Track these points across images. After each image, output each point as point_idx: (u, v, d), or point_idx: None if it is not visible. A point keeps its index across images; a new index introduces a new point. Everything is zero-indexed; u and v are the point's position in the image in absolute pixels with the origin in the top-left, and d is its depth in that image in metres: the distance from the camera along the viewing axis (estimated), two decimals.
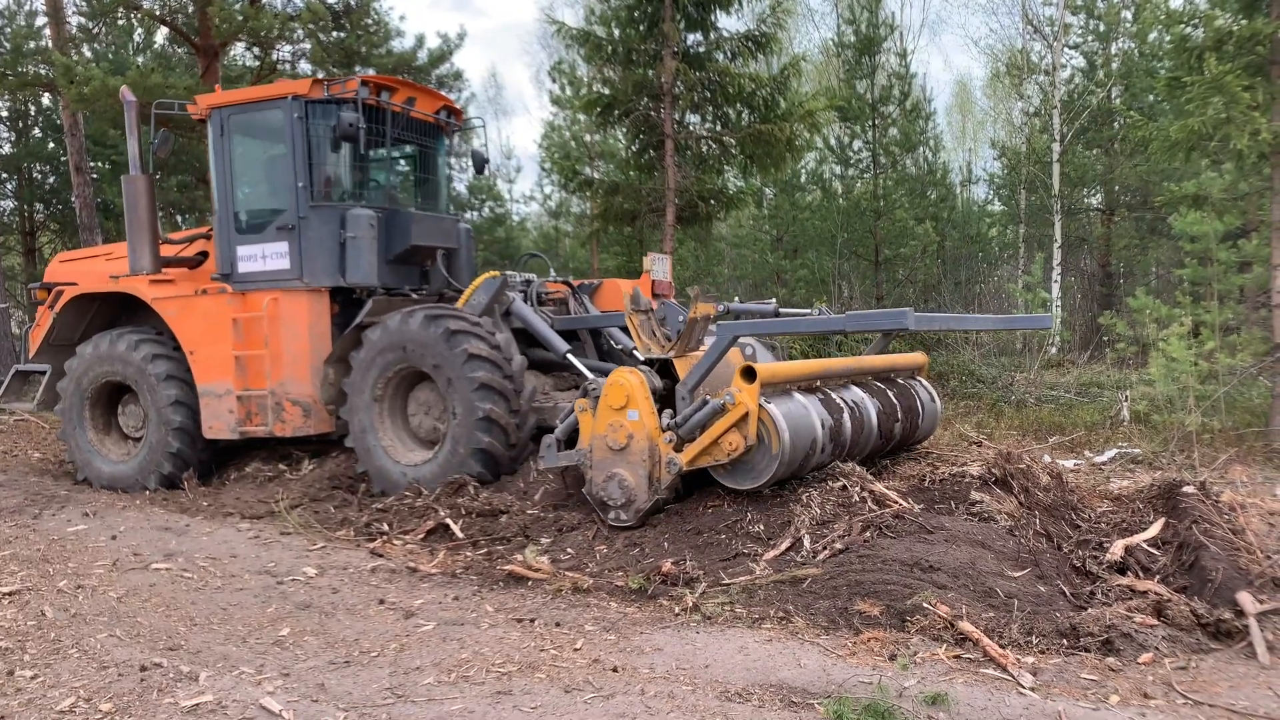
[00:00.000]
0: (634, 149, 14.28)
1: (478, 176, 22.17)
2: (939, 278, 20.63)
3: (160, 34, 18.90)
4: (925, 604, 4.40)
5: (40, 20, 18.27)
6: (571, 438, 6.39)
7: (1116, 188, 22.92)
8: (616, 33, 13.51)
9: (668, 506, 6.13)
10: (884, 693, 3.65)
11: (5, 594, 5.21)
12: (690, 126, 13.96)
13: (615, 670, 4.02)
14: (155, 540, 6.53)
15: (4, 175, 22.19)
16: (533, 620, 4.71)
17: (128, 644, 4.45)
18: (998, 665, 3.94)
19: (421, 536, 6.29)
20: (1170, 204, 10.69)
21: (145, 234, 8.15)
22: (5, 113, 21.74)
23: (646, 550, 5.66)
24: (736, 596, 4.85)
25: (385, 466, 7.33)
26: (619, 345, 8.13)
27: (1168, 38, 11.39)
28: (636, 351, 7.23)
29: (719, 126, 13.79)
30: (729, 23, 33.66)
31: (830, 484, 5.87)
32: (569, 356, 7.32)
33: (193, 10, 14.97)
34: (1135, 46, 22.39)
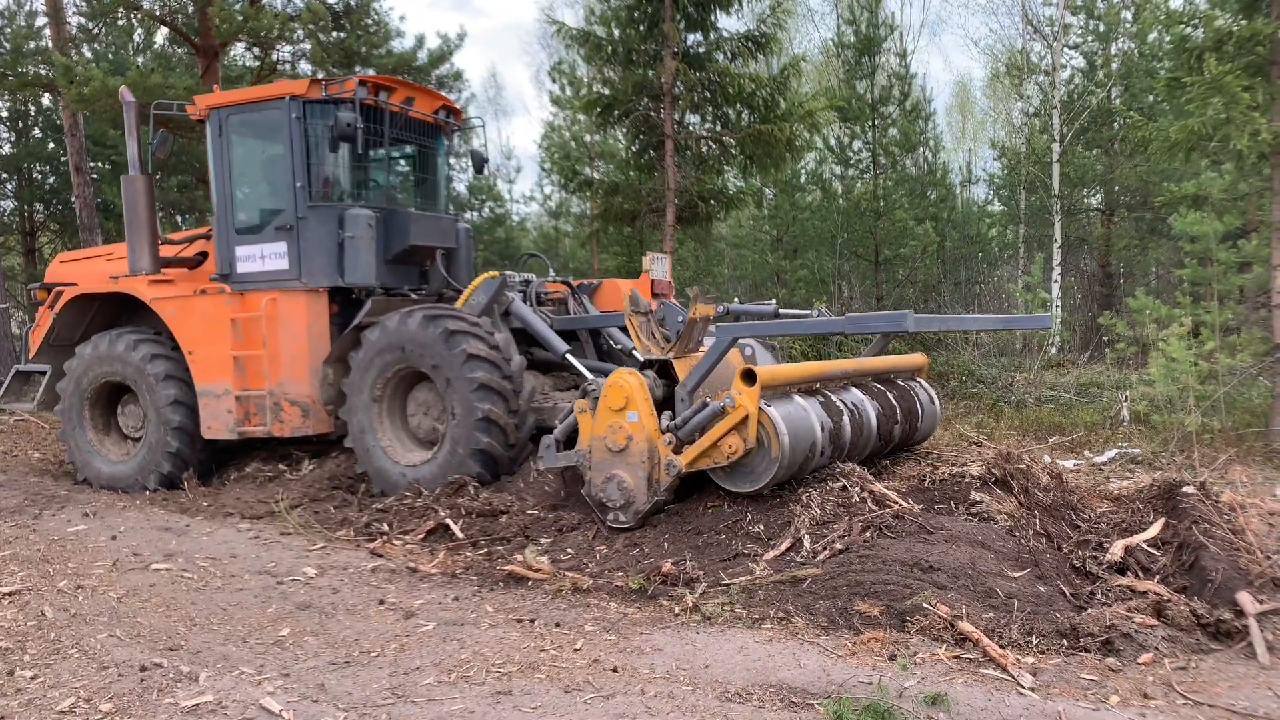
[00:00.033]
0: (634, 149, 14.28)
1: (477, 176, 22.18)
2: (939, 278, 20.63)
3: (160, 34, 18.90)
4: (925, 604, 4.40)
5: (40, 20, 18.28)
6: (571, 438, 6.38)
7: (1116, 188, 22.92)
8: (616, 33, 13.51)
9: (668, 507, 6.13)
10: (884, 693, 3.65)
11: (5, 594, 5.21)
12: (690, 127, 13.96)
13: (615, 670, 4.02)
14: (155, 540, 6.53)
15: (4, 175, 22.19)
16: (533, 620, 4.71)
17: (128, 644, 4.45)
18: (998, 665, 3.94)
19: (421, 537, 6.29)
20: (1170, 204, 10.70)
21: (144, 234, 8.15)
22: (5, 113, 21.75)
23: (646, 550, 5.66)
24: (736, 597, 4.85)
25: (384, 467, 7.33)
26: (618, 345, 8.13)
27: (1167, 38, 11.39)
28: (636, 352, 7.22)
29: (719, 127, 13.79)
30: (729, 23, 33.71)
31: (830, 484, 5.87)
32: (568, 357, 7.32)
33: (193, 10, 14.97)
34: (1135, 47, 22.40)
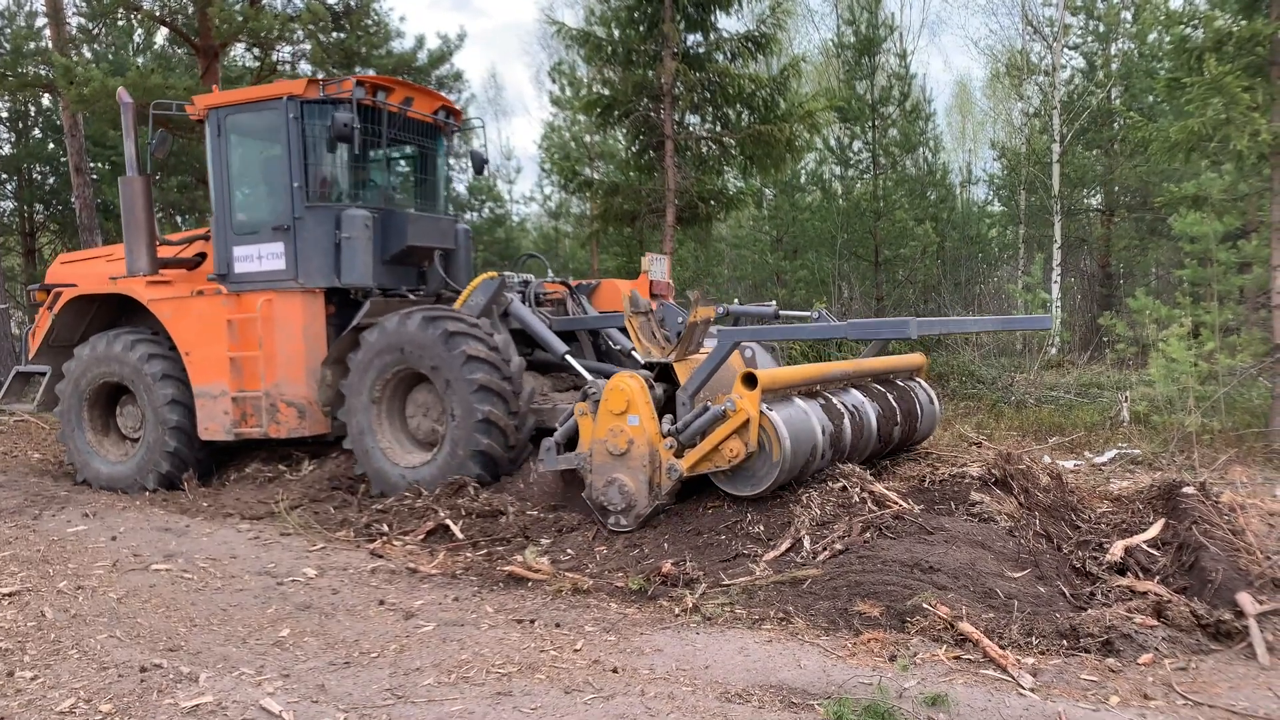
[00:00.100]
0: (634, 150, 14.28)
1: (477, 177, 22.18)
2: (939, 278, 20.64)
3: (160, 35, 18.91)
4: (925, 605, 4.40)
5: (40, 21, 18.27)
6: (571, 441, 6.38)
7: (1116, 188, 22.92)
8: (616, 33, 13.52)
9: (667, 508, 6.13)
10: (884, 693, 3.65)
11: (5, 595, 5.21)
12: (690, 127, 13.97)
13: (615, 671, 4.02)
14: (155, 541, 6.52)
15: (4, 176, 22.19)
16: (533, 621, 4.71)
17: (128, 645, 4.45)
18: (998, 666, 3.94)
19: (421, 537, 6.28)
20: (1170, 205, 10.70)
21: (142, 235, 8.14)
22: (5, 113, 21.76)
23: (646, 551, 5.66)
24: (736, 597, 4.85)
25: (384, 468, 7.32)
26: (617, 346, 8.12)
27: (1167, 38, 11.40)
28: (635, 354, 7.22)
29: (719, 127, 13.80)
30: (729, 23, 33.74)
31: (830, 485, 5.87)
32: (568, 358, 7.31)
33: (193, 11, 14.97)
34: (1135, 47, 22.39)
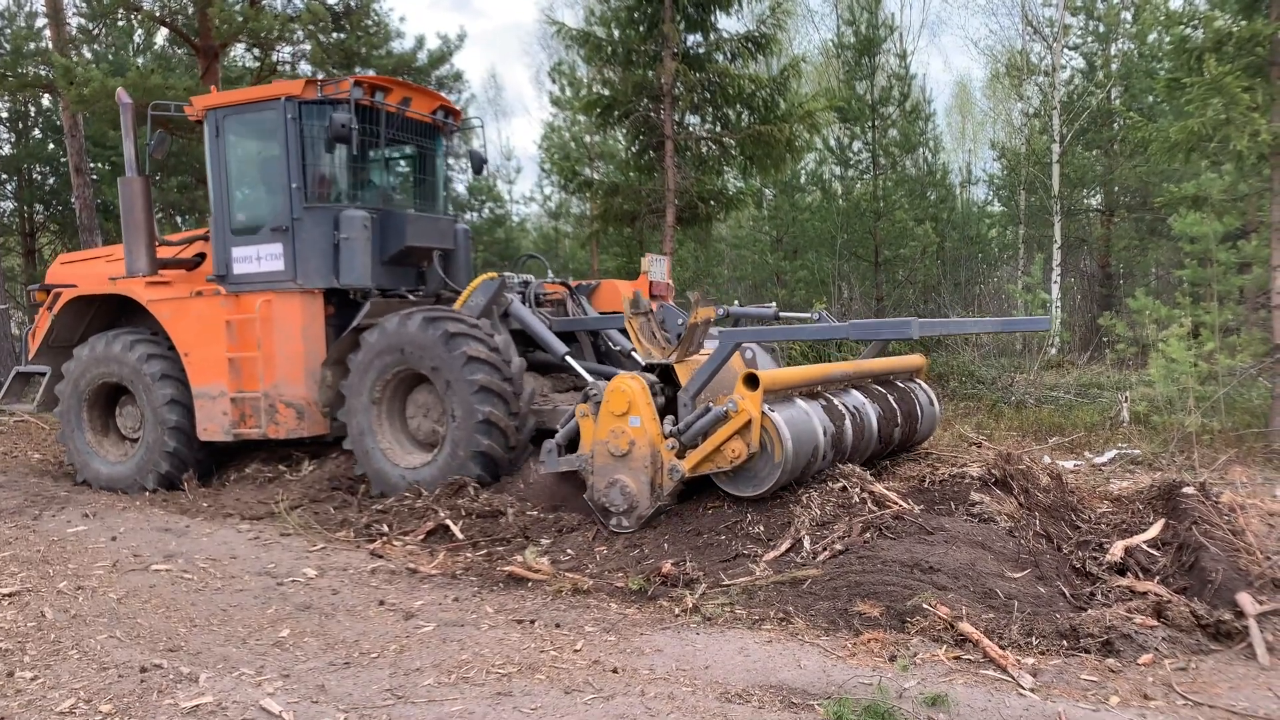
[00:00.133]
0: (634, 150, 14.28)
1: (476, 177, 22.18)
2: (939, 279, 20.65)
3: (160, 35, 18.92)
4: (925, 605, 4.40)
5: (40, 21, 18.28)
6: (572, 442, 6.37)
7: (1116, 189, 22.92)
8: (616, 34, 13.51)
9: (668, 508, 6.12)
10: (884, 694, 3.65)
11: (5, 595, 5.21)
12: (690, 127, 13.97)
13: (615, 671, 4.02)
14: (155, 541, 6.52)
15: (4, 176, 22.20)
16: (533, 621, 4.71)
17: (128, 645, 4.45)
18: (998, 666, 3.94)
19: (421, 537, 6.28)
20: (1170, 205, 10.70)
21: (141, 236, 8.14)
22: (5, 114, 21.78)
23: (646, 551, 5.66)
24: (736, 598, 4.85)
25: (384, 469, 7.32)
26: (617, 346, 8.12)
27: (1167, 39, 11.40)
28: (635, 355, 7.22)
29: (719, 127, 13.80)
30: (729, 24, 33.75)
31: (830, 485, 5.88)
32: (568, 359, 7.31)
33: (193, 11, 14.98)
34: (1135, 47, 22.40)
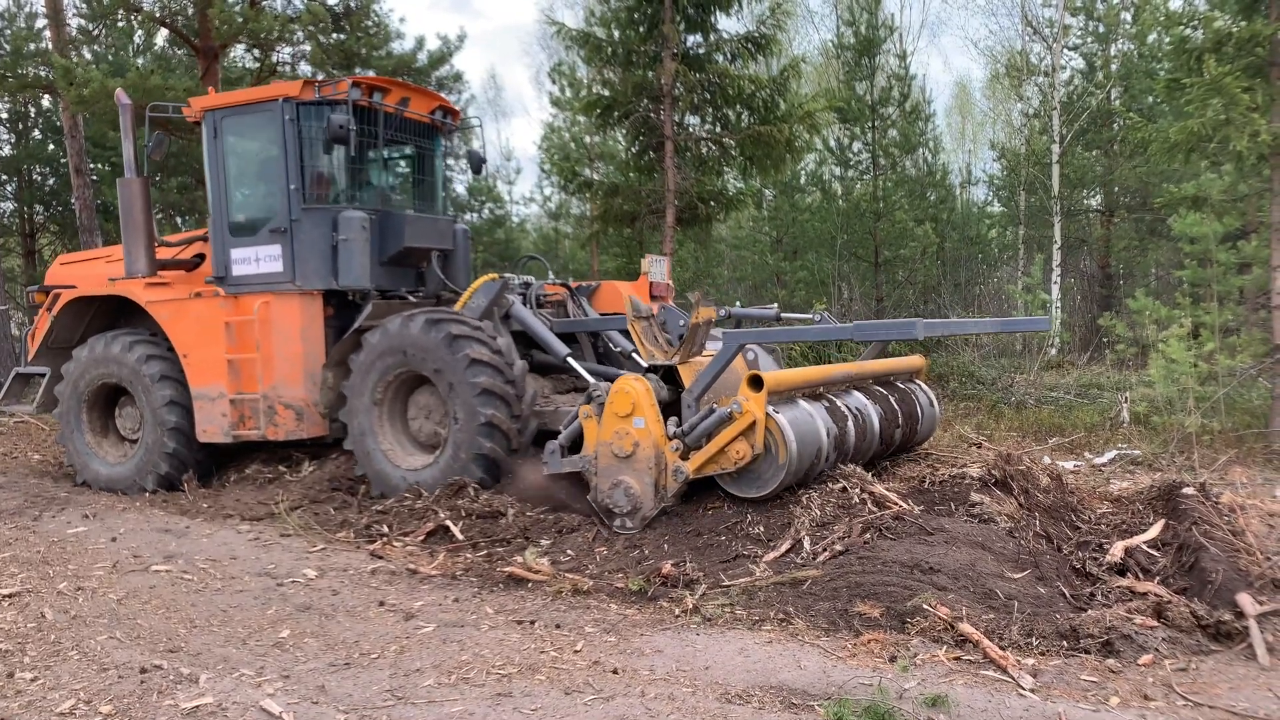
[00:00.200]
0: (634, 150, 14.27)
1: (476, 178, 22.16)
2: (939, 279, 20.64)
3: (160, 36, 18.91)
4: (925, 605, 4.40)
5: (40, 22, 18.29)
6: (575, 444, 6.37)
7: (1116, 189, 22.92)
8: (616, 34, 13.51)
9: (668, 509, 6.13)
10: (884, 694, 3.65)
11: (5, 596, 5.20)
12: (690, 128, 13.96)
13: (615, 672, 4.02)
14: (155, 542, 6.52)
15: (4, 177, 22.19)
16: (533, 622, 4.71)
17: (128, 646, 4.45)
18: (998, 667, 3.94)
19: (421, 538, 6.28)
20: (1170, 205, 10.70)
21: (140, 236, 8.13)
22: (5, 115, 21.76)
23: (646, 552, 5.67)
24: (736, 598, 4.86)
25: (385, 470, 7.31)
26: (617, 348, 8.12)
27: (1167, 39, 11.40)
28: (636, 355, 7.22)
29: (719, 128, 13.79)
30: (729, 24, 33.69)
31: (830, 486, 5.88)
32: (569, 360, 7.30)
33: (193, 12, 14.97)
34: (1135, 48, 22.39)
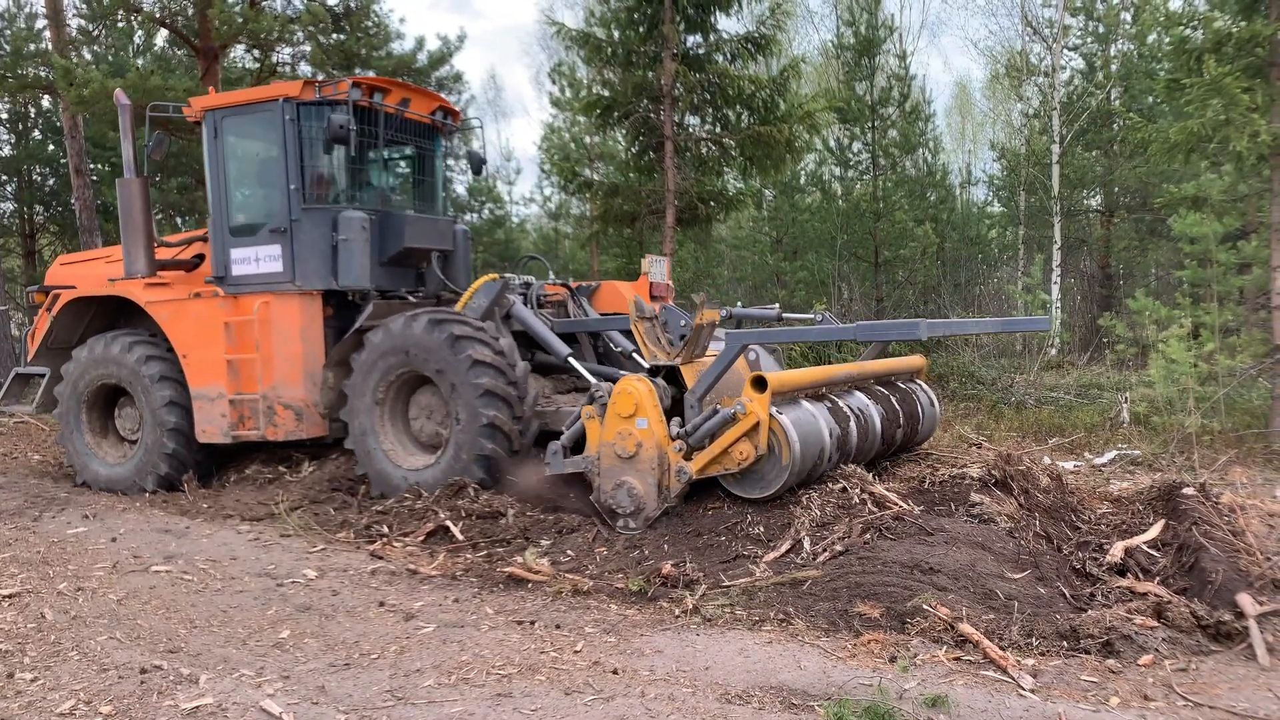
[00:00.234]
0: (634, 151, 14.28)
1: (476, 178, 22.16)
2: (939, 279, 20.64)
3: (160, 36, 18.92)
4: (925, 606, 4.41)
5: (40, 23, 18.29)
6: (578, 444, 6.37)
7: (1116, 189, 22.91)
8: (616, 34, 13.51)
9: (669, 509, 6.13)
10: (884, 695, 3.65)
11: (5, 596, 5.20)
12: (690, 128, 13.96)
13: (615, 672, 4.02)
14: (155, 542, 6.52)
15: (4, 177, 22.18)
16: (533, 622, 4.71)
17: (128, 646, 4.45)
18: (998, 667, 3.94)
19: (421, 539, 6.28)
20: (1170, 206, 10.70)
21: (140, 237, 8.13)
22: (5, 115, 21.75)
23: (646, 552, 5.67)
24: (736, 599, 4.86)
25: (386, 470, 7.31)
26: (618, 348, 8.11)
27: (1167, 39, 11.40)
28: (636, 356, 7.21)
29: (718, 128, 13.79)
30: (728, 24, 33.69)
31: (830, 486, 5.88)
32: (571, 360, 7.31)
33: (193, 13, 14.97)
34: (1134, 48, 22.39)
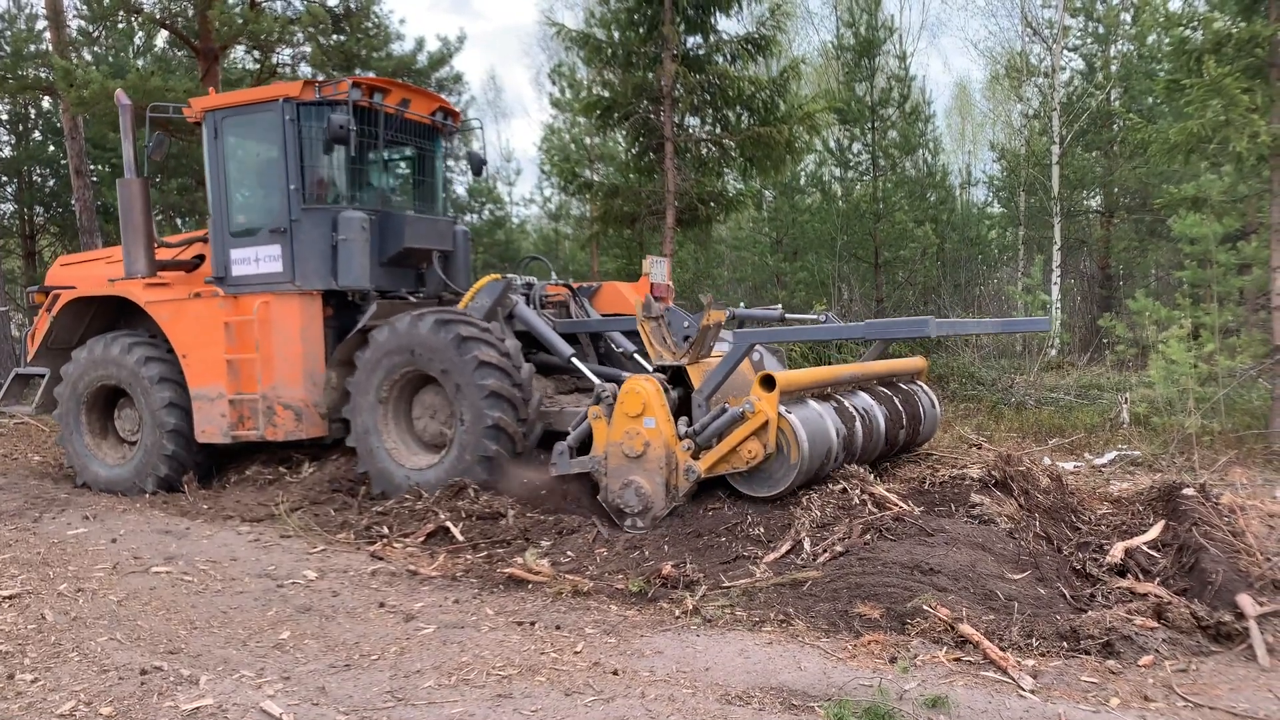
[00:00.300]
0: (634, 151, 14.28)
1: (476, 179, 22.15)
2: (939, 280, 20.64)
3: (161, 37, 18.92)
4: (925, 606, 4.41)
5: (40, 24, 18.29)
6: (584, 444, 6.37)
7: (1116, 190, 22.91)
8: (616, 35, 13.51)
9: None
10: (884, 695, 3.65)
11: (5, 597, 5.20)
12: (690, 129, 13.96)
13: (615, 673, 4.02)
14: (155, 543, 6.52)
15: (4, 178, 22.18)
16: (533, 623, 4.71)
17: (128, 647, 4.45)
18: (998, 668, 3.94)
19: (422, 539, 6.28)
20: (1170, 206, 10.70)
21: (140, 237, 8.13)
22: (5, 116, 21.76)
23: (646, 553, 5.67)
24: (737, 599, 4.86)
25: (389, 469, 7.31)
26: (619, 348, 8.12)
27: (1167, 40, 11.40)
28: (637, 356, 7.22)
29: (719, 129, 13.79)
30: (728, 25, 33.74)
31: (830, 486, 5.89)
32: (574, 361, 7.31)
33: (193, 13, 14.98)
34: (1134, 49, 22.39)
